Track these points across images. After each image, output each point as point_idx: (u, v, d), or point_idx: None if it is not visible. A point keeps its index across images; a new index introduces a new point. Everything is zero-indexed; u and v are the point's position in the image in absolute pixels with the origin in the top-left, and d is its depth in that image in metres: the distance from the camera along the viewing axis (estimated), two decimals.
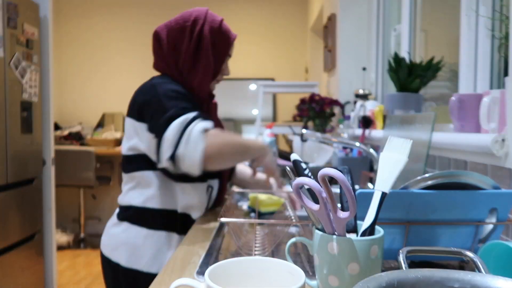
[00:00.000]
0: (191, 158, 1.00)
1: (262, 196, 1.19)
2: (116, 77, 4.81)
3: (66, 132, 4.24)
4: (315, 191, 0.50)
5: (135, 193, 1.18)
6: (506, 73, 1.25)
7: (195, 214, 1.18)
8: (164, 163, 1.04)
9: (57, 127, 4.40)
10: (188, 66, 1.17)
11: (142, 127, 1.14)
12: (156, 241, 1.15)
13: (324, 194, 0.51)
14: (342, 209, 0.57)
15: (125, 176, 1.23)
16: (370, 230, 0.56)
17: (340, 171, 0.57)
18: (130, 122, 1.18)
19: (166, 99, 1.08)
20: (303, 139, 1.39)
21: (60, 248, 3.97)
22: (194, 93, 1.19)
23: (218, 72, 1.22)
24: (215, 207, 1.30)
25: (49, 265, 2.77)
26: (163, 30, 1.19)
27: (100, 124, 4.73)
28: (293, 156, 0.60)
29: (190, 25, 1.16)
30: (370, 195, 0.58)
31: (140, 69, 4.80)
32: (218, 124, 1.29)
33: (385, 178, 0.58)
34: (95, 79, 4.82)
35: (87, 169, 3.80)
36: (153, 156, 1.13)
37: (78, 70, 4.83)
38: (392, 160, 0.59)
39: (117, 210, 1.25)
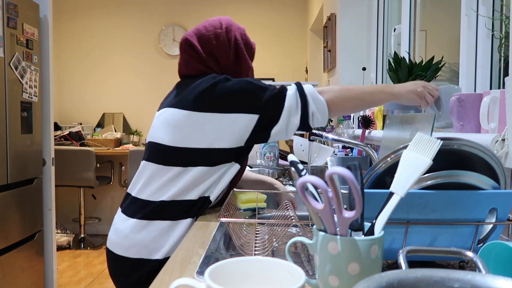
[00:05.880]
0: (322, 112, 1.13)
1: (243, 194, 1.21)
2: (116, 77, 4.81)
3: (66, 132, 4.23)
4: (321, 189, 0.50)
5: (169, 187, 1.16)
6: (506, 73, 1.25)
7: (215, 195, 1.18)
8: (293, 128, 1.14)
9: (57, 127, 4.40)
10: (231, 73, 1.21)
11: (212, 117, 1.12)
12: (178, 230, 1.14)
13: (331, 194, 0.51)
14: (350, 208, 0.56)
15: (162, 169, 1.17)
16: (370, 230, 0.56)
17: (348, 167, 0.57)
18: (186, 114, 1.14)
19: (255, 81, 1.14)
20: (311, 138, 1.40)
21: (60, 248, 3.97)
22: None
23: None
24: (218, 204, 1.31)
25: (49, 265, 2.77)
26: (193, 37, 1.22)
27: (100, 124, 4.73)
28: (290, 157, 0.59)
29: (224, 32, 1.20)
30: (379, 195, 0.58)
31: (140, 69, 4.80)
32: None
33: (403, 181, 0.56)
34: (95, 79, 4.82)
35: (87, 169, 3.80)
36: (231, 138, 1.14)
37: (78, 70, 4.83)
38: (415, 161, 0.56)
39: (121, 211, 1.23)
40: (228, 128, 1.14)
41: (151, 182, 1.18)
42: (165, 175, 1.17)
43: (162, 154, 1.18)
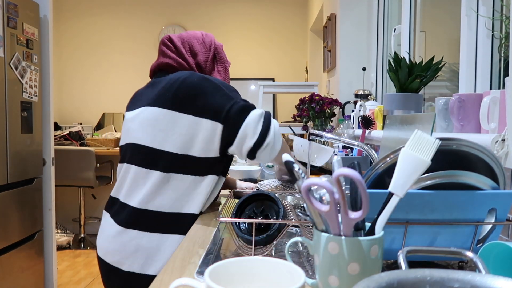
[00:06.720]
0: (274, 148, 1.09)
1: None
2: (116, 77, 4.81)
3: (66, 132, 4.24)
4: (327, 192, 0.50)
5: (164, 196, 1.11)
6: (506, 73, 1.25)
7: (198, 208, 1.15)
8: (245, 148, 1.08)
9: (57, 127, 4.40)
10: (209, 69, 1.26)
11: (185, 118, 1.09)
12: (170, 245, 1.10)
13: (337, 195, 0.51)
14: (351, 208, 0.56)
15: (143, 172, 1.12)
16: (370, 230, 0.56)
17: (348, 167, 0.57)
18: (165, 113, 1.11)
19: (228, 89, 1.12)
20: (311, 138, 1.39)
21: (60, 248, 3.97)
22: None
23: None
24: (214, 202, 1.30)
25: (49, 265, 2.77)
26: (175, 36, 1.28)
27: (100, 124, 4.73)
28: (285, 157, 0.58)
29: (201, 36, 1.28)
30: (378, 195, 0.58)
31: (140, 69, 4.80)
32: None
33: (402, 181, 0.55)
34: (95, 79, 4.82)
35: (87, 169, 3.80)
36: (203, 145, 1.10)
37: (78, 70, 4.83)
38: (414, 160, 0.55)
39: (110, 216, 1.19)
40: (194, 132, 1.10)
41: (136, 187, 1.14)
42: (148, 179, 1.12)
43: (143, 156, 1.13)
